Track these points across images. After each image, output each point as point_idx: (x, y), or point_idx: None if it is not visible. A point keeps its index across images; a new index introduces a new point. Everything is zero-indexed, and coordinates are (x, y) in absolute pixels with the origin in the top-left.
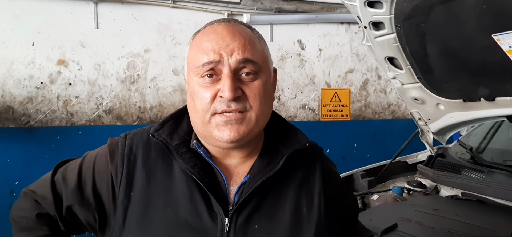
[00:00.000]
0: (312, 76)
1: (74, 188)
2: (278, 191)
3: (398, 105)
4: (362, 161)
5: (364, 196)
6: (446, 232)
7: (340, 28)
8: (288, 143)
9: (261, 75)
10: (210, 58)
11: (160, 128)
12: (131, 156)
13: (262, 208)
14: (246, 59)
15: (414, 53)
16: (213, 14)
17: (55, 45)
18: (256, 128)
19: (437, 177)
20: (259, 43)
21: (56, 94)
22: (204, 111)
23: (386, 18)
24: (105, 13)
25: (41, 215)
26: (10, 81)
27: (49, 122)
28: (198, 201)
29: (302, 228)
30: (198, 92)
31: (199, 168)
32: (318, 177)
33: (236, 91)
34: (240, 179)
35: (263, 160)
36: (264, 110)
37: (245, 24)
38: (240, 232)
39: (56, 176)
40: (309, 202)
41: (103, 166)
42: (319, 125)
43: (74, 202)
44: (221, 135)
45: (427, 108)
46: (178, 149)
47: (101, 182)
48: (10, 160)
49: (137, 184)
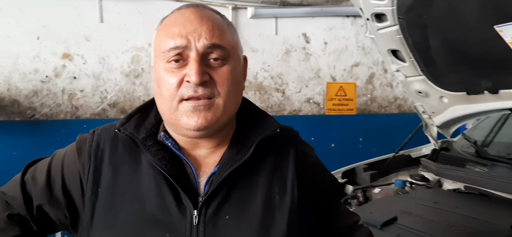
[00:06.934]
0: (317, 70)
1: (43, 187)
2: (249, 180)
3: (405, 99)
4: (367, 155)
5: (366, 190)
6: (445, 225)
7: (345, 21)
8: (259, 130)
9: (229, 61)
10: (177, 43)
11: (126, 122)
12: (98, 152)
13: (233, 198)
14: (214, 44)
15: (417, 45)
16: (218, 7)
17: (60, 39)
18: (224, 116)
19: (440, 171)
20: (228, 29)
21: (61, 88)
22: (170, 97)
23: (388, 9)
24: (110, 7)
25: (12, 216)
26: (15, 75)
27: (54, 116)
28: (166, 194)
29: (274, 216)
30: (164, 77)
31: (167, 161)
32: (291, 163)
33: (203, 75)
34: (210, 169)
35: (232, 149)
36: (232, 96)
37: (214, 10)
38: (210, 224)
39: (26, 176)
40: (281, 189)
41: (72, 163)
42: (324, 119)
43: (44, 201)
44: (188, 122)
45: (431, 101)
46: (145, 142)
47: (70, 180)
48: (16, 153)
49: (104, 180)
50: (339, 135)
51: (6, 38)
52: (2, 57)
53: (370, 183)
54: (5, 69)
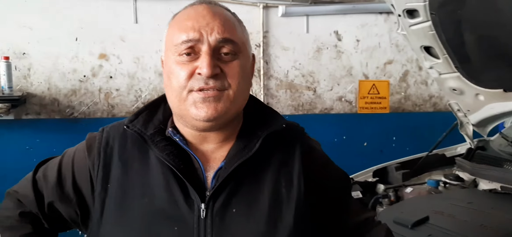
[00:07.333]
0: (349, 68)
1: (54, 185)
2: (256, 174)
3: (440, 97)
4: (400, 154)
5: (398, 189)
6: (479, 225)
7: (378, 18)
8: (265, 126)
9: (240, 57)
10: (190, 36)
11: (135, 119)
12: (108, 148)
13: (240, 192)
14: (225, 39)
15: (451, 41)
16: (248, 6)
17: (97, 40)
18: (233, 108)
19: (475, 170)
20: (239, 26)
21: (98, 87)
22: (180, 88)
23: (420, 5)
24: (144, 8)
25: (24, 213)
26: (55, 74)
27: (91, 114)
28: (175, 189)
29: (281, 209)
30: (175, 69)
31: (174, 156)
32: (298, 158)
33: (215, 68)
34: (217, 164)
35: (239, 144)
36: (242, 90)
37: (226, 7)
38: (217, 217)
39: (37, 175)
40: (288, 183)
41: (82, 161)
42: (356, 117)
43: (55, 199)
44: (197, 113)
45: (466, 98)
46: (153, 138)
47: (80, 177)
48: (55, 150)
49: (113, 176)
50: (372, 134)
51: (47, 39)
52: (43, 57)
53: (402, 182)
54: (46, 69)
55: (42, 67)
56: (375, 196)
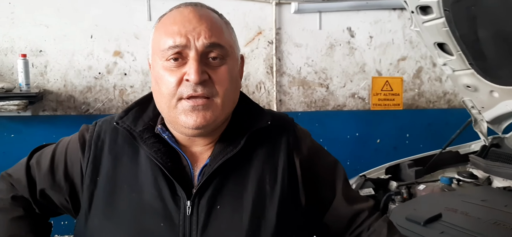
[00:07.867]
0: (362, 64)
1: (47, 172)
2: (241, 171)
3: (455, 94)
4: (414, 151)
5: (411, 186)
6: (492, 223)
7: (392, 14)
8: (252, 123)
9: (228, 61)
10: (177, 42)
11: (125, 116)
12: (99, 142)
13: (225, 189)
14: (213, 43)
15: (465, 37)
16: (261, 3)
17: (112, 37)
18: (222, 115)
19: (489, 168)
20: (226, 29)
21: (113, 84)
22: (170, 95)
23: (433, 2)
24: (157, 5)
25: (16, 197)
26: (71, 71)
27: (106, 110)
28: (162, 185)
29: (265, 205)
30: (163, 76)
31: (162, 153)
32: (283, 151)
33: (203, 74)
34: (204, 162)
35: (224, 142)
36: (230, 95)
37: (212, 9)
38: (202, 214)
39: (31, 161)
40: (272, 179)
41: (74, 150)
42: (369, 114)
43: (47, 186)
44: (187, 121)
45: (481, 95)
46: (142, 135)
47: (72, 167)
48: None
49: (103, 170)
50: (385, 131)
51: (63, 37)
52: (59, 55)
53: (415, 179)
54: (62, 66)
55: (58, 64)
56: (388, 193)
